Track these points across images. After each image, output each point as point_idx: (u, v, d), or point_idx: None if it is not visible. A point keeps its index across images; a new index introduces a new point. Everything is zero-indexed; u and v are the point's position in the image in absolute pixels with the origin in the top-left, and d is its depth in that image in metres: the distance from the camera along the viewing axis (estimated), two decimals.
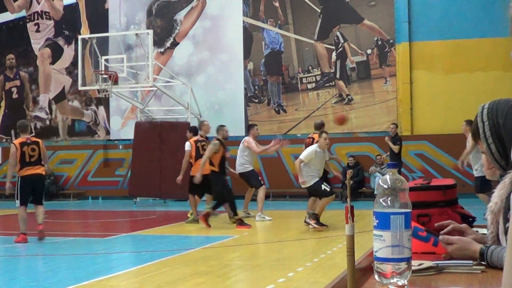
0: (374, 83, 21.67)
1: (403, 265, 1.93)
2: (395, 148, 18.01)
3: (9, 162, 12.23)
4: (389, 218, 1.92)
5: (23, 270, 9.13)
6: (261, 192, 14.93)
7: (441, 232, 2.48)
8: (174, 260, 9.44)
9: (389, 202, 1.94)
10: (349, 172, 2.04)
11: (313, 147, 13.02)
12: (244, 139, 15.56)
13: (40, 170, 12.07)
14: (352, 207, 1.90)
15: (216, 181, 13.67)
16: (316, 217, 12.69)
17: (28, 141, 12.04)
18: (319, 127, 14.46)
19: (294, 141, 21.92)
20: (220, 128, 14.36)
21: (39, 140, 12.33)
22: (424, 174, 19.80)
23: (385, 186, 1.96)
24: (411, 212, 1.97)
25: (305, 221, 13.15)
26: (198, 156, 14.37)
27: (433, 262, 2.22)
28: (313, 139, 14.11)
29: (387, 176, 1.98)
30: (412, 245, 1.97)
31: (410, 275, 1.95)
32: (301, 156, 12.81)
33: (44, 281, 8.19)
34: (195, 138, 14.89)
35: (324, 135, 13.02)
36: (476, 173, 13.84)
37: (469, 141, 14.19)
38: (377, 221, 1.94)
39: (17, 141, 12.10)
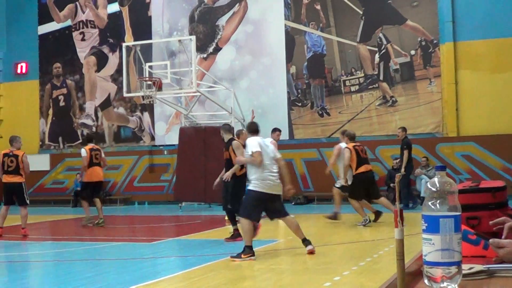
0: (418, 84, 21.46)
1: (453, 269, 1.90)
2: (405, 154, 18.06)
3: None
4: (438, 222, 1.90)
5: (71, 274, 9.24)
6: None
7: (491, 223, 2.44)
8: (220, 264, 9.46)
9: (438, 205, 1.92)
10: (398, 176, 2.03)
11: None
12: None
13: (15, 178, 13.98)
14: (401, 211, 1.89)
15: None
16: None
17: (10, 153, 13.96)
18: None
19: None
20: (240, 132, 14.44)
21: (20, 154, 14.09)
22: (471, 176, 19.53)
23: (434, 189, 1.94)
24: (461, 215, 1.94)
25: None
26: (91, 164, 15.79)
27: (484, 266, 2.18)
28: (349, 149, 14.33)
29: (436, 179, 1.96)
30: (462, 248, 1.95)
31: (460, 279, 1.93)
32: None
33: (92, 286, 8.29)
34: (90, 146, 16.20)
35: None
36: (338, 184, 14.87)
37: (345, 153, 14.49)
38: (426, 224, 1.92)
39: (1, 152, 14.25)
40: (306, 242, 10.01)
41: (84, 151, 16.01)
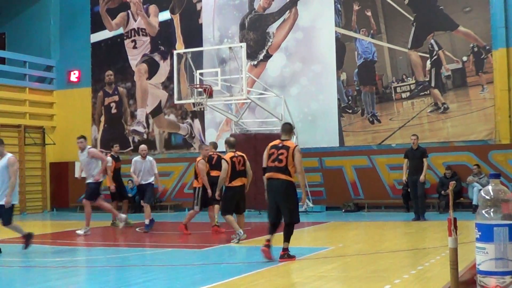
0: (470, 90, 21.16)
1: (507, 279, 1.88)
2: (426, 162, 17.55)
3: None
4: (492, 230, 1.87)
5: (122, 280, 9.35)
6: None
7: None
8: (270, 271, 9.46)
9: (491, 213, 1.90)
10: (452, 184, 2.01)
11: None
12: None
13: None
14: (455, 219, 1.87)
15: None
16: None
17: None
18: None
19: (389, 151, 21.71)
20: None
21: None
22: None
23: (487, 197, 1.91)
24: None
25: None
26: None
27: None
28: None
29: (489, 187, 1.93)
30: None
31: None
32: None
33: None
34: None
35: None
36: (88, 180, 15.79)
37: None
38: (480, 233, 1.90)
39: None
40: None
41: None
